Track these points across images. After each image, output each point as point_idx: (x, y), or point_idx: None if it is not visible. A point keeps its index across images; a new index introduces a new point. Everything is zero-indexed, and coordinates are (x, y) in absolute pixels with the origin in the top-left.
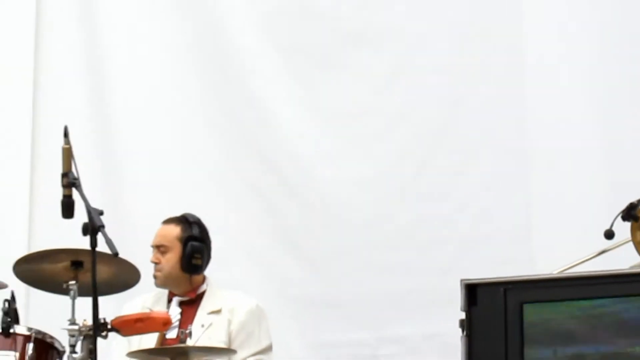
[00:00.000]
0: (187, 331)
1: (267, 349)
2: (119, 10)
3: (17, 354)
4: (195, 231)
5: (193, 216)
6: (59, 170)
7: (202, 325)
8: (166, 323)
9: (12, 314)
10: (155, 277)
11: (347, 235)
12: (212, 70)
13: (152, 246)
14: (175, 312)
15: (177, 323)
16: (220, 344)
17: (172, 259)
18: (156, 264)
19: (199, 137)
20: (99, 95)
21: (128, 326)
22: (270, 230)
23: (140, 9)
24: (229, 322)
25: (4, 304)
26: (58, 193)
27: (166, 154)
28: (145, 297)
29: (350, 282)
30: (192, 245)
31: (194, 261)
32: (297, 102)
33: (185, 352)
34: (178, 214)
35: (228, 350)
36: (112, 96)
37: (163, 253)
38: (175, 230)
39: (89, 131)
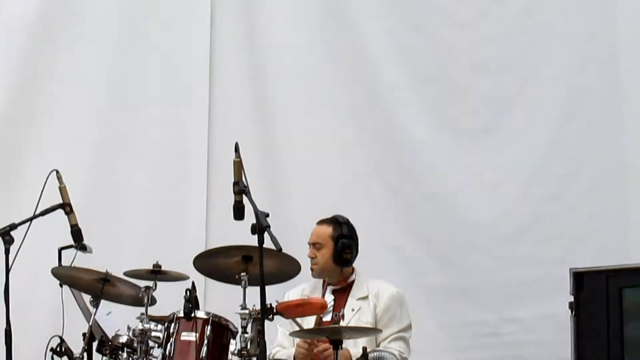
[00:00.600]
0: (340, 314)
1: (407, 328)
2: (281, 40)
3: (198, 334)
4: (345, 230)
5: (342, 217)
6: (231, 179)
7: (352, 310)
8: (322, 307)
9: (193, 301)
10: (312, 269)
11: (474, 232)
12: (359, 90)
13: (309, 243)
14: (329, 299)
15: (331, 308)
16: (368, 324)
17: (326, 254)
18: (312, 258)
19: (348, 150)
20: (262, 114)
21: (290, 310)
22: (407, 228)
23: (297, 38)
24: (375, 306)
25: (186, 293)
26: (230, 199)
27: (320, 164)
28: (304, 286)
29: (476, 272)
30: (343, 242)
31: (345, 256)
32: (430, 119)
33: (339, 331)
34: (330, 215)
35: (375, 330)
36: (274, 116)
37: (318, 249)
38: (328, 229)
39: (255, 146)
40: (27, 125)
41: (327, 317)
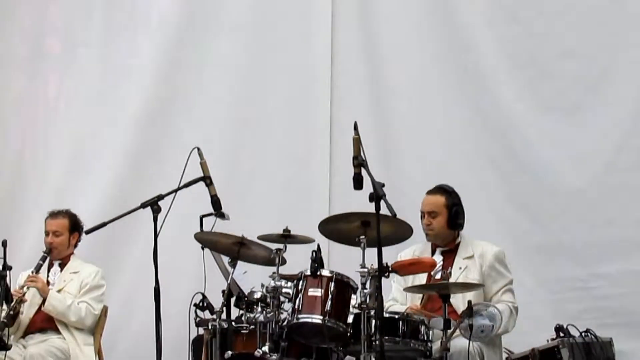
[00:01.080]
0: (448, 272)
1: (511, 282)
2: (394, 28)
3: (323, 290)
4: (455, 199)
5: (449, 186)
6: (351, 154)
7: (460, 268)
8: (432, 265)
9: (318, 261)
10: (428, 234)
11: (565, 199)
12: (463, 74)
13: (424, 212)
14: (438, 259)
15: (440, 267)
16: (474, 281)
17: (441, 221)
18: (429, 225)
19: (453, 128)
20: (378, 96)
21: (404, 268)
22: (506, 195)
23: (410, 28)
24: (481, 265)
25: (313, 254)
26: (350, 171)
27: (428, 141)
28: (414, 247)
29: (568, 233)
30: (456, 209)
31: (458, 221)
32: (525, 99)
33: (448, 287)
34: (436, 184)
35: (479, 285)
36: (389, 98)
37: (434, 217)
38: (441, 199)
39: (372, 124)
40: (172, 108)
41: (437, 275)
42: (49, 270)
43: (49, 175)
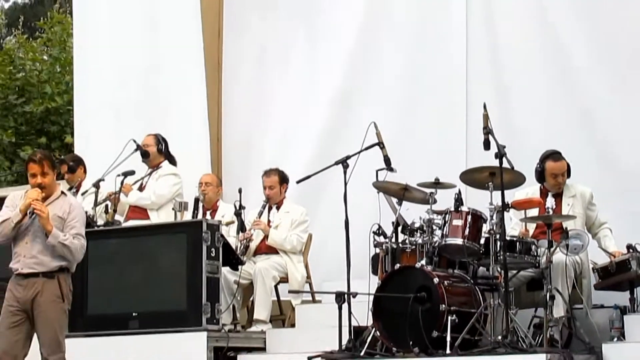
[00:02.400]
0: (553, 207)
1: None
2: (506, 24)
3: (462, 221)
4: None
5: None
6: (481, 125)
7: (568, 205)
8: (540, 203)
9: (459, 201)
10: (559, 188)
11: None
12: (555, 66)
13: (556, 174)
14: (550, 200)
15: (552, 205)
16: (579, 215)
17: (565, 179)
18: (561, 182)
19: (553, 108)
20: (499, 79)
21: (519, 205)
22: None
23: (516, 23)
24: (582, 202)
25: (455, 196)
26: (481, 137)
27: (535, 116)
28: (527, 190)
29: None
30: (570, 172)
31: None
32: (611, 86)
33: (550, 218)
34: (544, 149)
35: (572, 217)
36: (507, 80)
37: (562, 175)
38: (564, 164)
39: (496, 100)
40: (359, 92)
41: (547, 211)
42: (269, 212)
43: (268, 144)
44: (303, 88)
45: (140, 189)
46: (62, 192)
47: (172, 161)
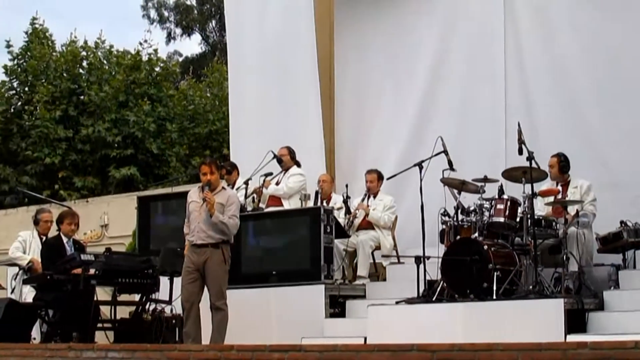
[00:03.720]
0: (566, 194)
1: (594, 200)
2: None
3: (503, 205)
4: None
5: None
6: (515, 135)
7: (572, 192)
8: (557, 192)
9: (500, 190)
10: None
11: None
12: (600, 65)
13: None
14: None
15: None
16: (578, 199)
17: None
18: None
19: (604, 100)
20: (553, 71)
21: (543, 193)
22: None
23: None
24: (580, 191)
25: (498, 187)
26: (516, 144)
27: (557, 132)
28: (548, 183)
29: None
30: (564, 164)
31: (567, 170)
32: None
33: (565, 202)
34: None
35: (579, 202)
36: (563, 72)
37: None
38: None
39: (524, 122)
40: (431, 114)
41: (559, 196)
42: (368, 199)
43: (369, 150)
44: (393, 110)
45: (277, 184)
46: (223, 187)
47: (299, 165)
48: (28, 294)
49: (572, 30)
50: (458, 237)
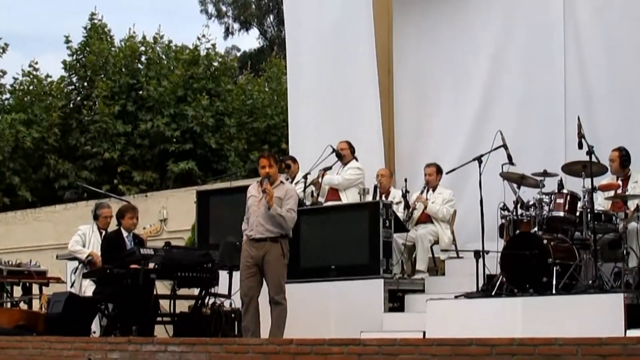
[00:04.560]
0: (626, 189)
1: None
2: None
3: (563, 199)
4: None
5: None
6: (575, 130)
7: (632, 187)
8: (617, 187)
9: (560, 185)
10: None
11: None
12: None
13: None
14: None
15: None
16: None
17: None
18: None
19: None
20: (610, 59)
21: (603, 188)
22: None
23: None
24: None
25: (558, 181)
26: (576, 139)
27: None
28: (608, 177)
29: None
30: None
31: (628, 165)
32: None
33: (626, 197)
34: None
35: (638, 196)
36: (595, 100)
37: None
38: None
39: (584, 117)
40: (491, 109)
41: (619, 190)
42: (427, 192)
43: (429, 144)
44: (453, 104)
45: None
46: (282, 181)
47: (357, 159)
48: (87, 287)
49: (632, 22)
50: (517, 231)
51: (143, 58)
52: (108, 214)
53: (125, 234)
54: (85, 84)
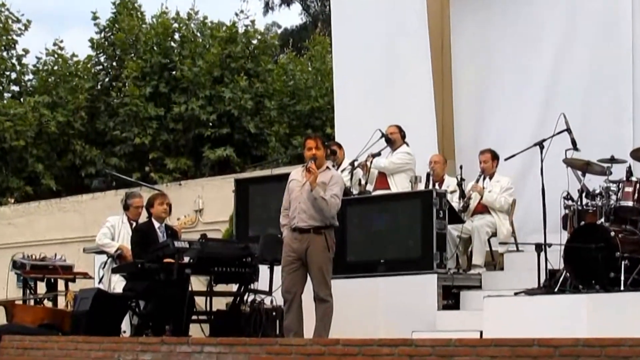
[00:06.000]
0: None
1: None
2: None
3: (632, 187)
4: None
5: None
6: None
7: None
8: None
9: (629, 172)
10: None
11: None
12: None
13: None
14: None
15: None
16: None
17: None
18: None
19: None
20: None
21: None
22: None
23: None
24: None
25: (627, 169)
26: None
27: None
28: None
29: None
30: None
31: None
32: None
33: None
34: None
35: None
36: None
37: None
38: None
39: None
40: (554, 94)
41: None
42: (483, 181)
43: (489, 131)
44: (514, 92)
45: None
46: (327, 167)
47: (407, 145)
48: (117, 283)
49: None
50: (582, 222)
51: (176, 36)
52: (139, 203)
53: (157, 225)
54: (114, 63)
